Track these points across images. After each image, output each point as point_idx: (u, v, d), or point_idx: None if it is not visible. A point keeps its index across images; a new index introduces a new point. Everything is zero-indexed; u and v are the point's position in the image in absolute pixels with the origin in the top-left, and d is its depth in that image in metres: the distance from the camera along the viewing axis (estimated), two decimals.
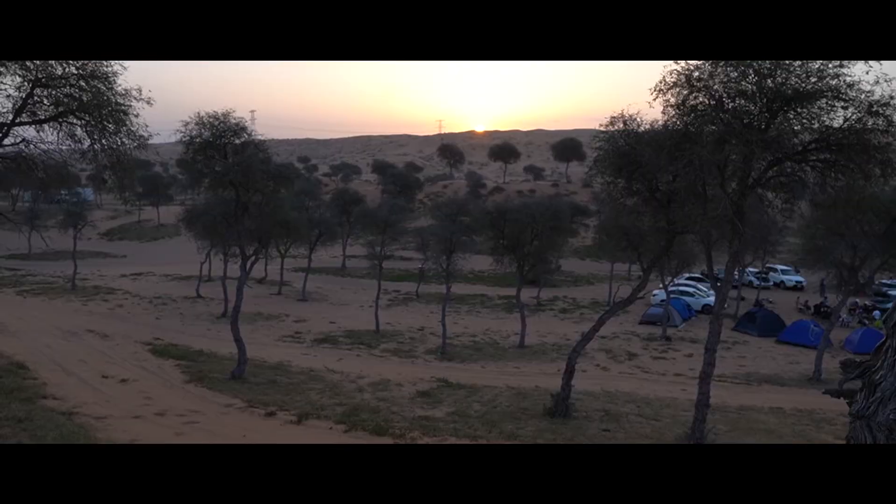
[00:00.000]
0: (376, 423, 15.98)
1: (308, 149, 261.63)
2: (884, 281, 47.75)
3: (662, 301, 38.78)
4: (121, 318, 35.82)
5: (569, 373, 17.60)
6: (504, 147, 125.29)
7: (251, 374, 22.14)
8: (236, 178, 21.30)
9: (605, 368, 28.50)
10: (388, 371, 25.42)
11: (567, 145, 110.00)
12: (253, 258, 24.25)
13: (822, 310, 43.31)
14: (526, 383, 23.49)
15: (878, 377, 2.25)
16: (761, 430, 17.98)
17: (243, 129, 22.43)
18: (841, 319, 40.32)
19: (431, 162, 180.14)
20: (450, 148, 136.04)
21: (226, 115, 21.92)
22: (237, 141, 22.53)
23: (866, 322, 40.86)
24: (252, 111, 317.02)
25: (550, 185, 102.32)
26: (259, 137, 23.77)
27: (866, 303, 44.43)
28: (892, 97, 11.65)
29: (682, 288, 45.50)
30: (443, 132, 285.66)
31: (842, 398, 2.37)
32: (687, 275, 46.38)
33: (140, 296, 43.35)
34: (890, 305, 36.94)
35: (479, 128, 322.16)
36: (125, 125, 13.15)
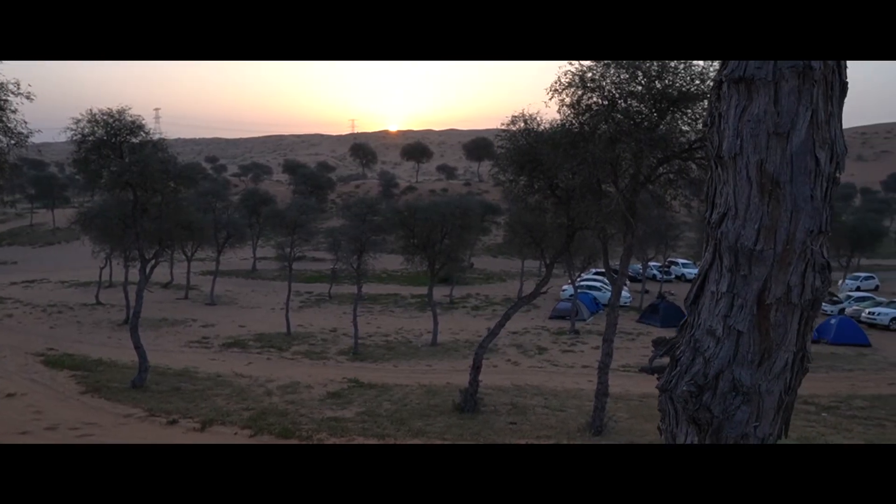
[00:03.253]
0: (283, 426, 15.75)
1: (217, 148, 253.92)
2: None
3: (571, 296, 39.93)
4: (9, 328, 33.63)
5: (476, 368, 17.89)
6: (417, 146, 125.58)
7: (154, 382, 21.31)
8: (133, 179, 20.47)
9: (516, 363, 29.11)
10: (299, 373, 25.05)
11: (479, 144, 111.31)
12: (153, 261, 23.35)
13: None
14: (437, 381, 23.69)
15: (678, 352, 2.44)
16: (658, 415, 18.83)
17: (140, 127, 21.62)
18: None
19: (344, 162, 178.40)
20: (362, 147, 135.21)
21: (121, 112, 21.06)
22: (134, 140, 21.67)
23: None
24: (156, 109, 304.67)
25: (463, 184, 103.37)
26: (159, 136, 22.92)
27: None
28: None
29: (589, 283, 47.00)
30: (356, 132, 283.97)
31: (654, 374, 2.56)
32: (594, 270, 47.95)
33: (32, 304, 40.83)
34: None
35: (393, 127, 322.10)
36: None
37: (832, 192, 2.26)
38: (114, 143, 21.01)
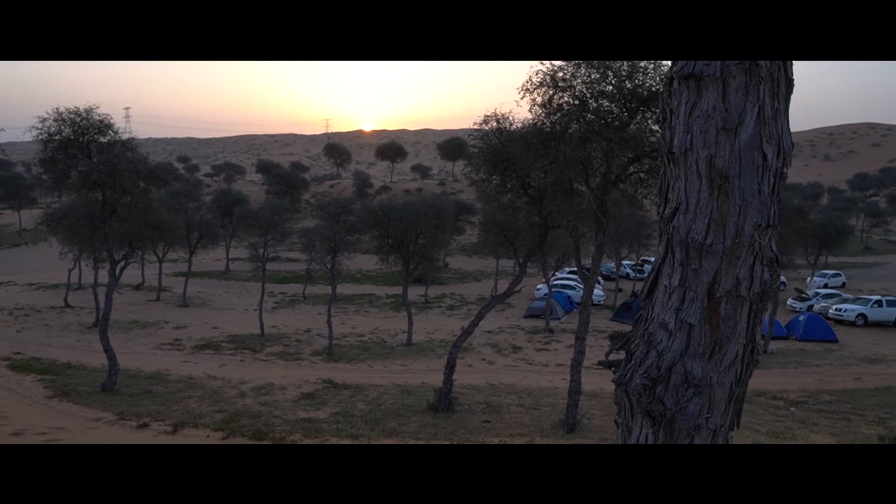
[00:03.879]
0: (256, 428, 15.61)
1: (189, 148, 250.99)
2: None
3: (545, 295, 40.15)
4: None
5: (450, 367, 17.90)
6: (391, 146, 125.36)
7: (124, 386, 20.99)
8: (101, 179, 20.12)
9: (491, 362, 29.19)
10: (273, 375, 24.86)
11: (453, 144, 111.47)
12: (123, 263, 22.99)
13: None
14: (412, 380, 23.67)
15: (633, 346, 2.48)
16: None
17: (109, 126, 21.24)
18: None
19: (318, 161, 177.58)
20: (336, 147, 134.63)
21: (88, 111, 20.69)
22: (102, 139, 21.30)
23: None
24: (126, 108, 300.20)
25: (437, 183, 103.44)
26: (129, 135, 22.57)
27: None
28: None
29: (563, 282, 47.30)
30: (330, 131, 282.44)
31: (611, 368, 2.60)
32: (568, 269, 48.26)
33: None
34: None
35: (367, 127, 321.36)
36: None
37: (779, 186, 2.30)
38: (81, 142, 20.62)
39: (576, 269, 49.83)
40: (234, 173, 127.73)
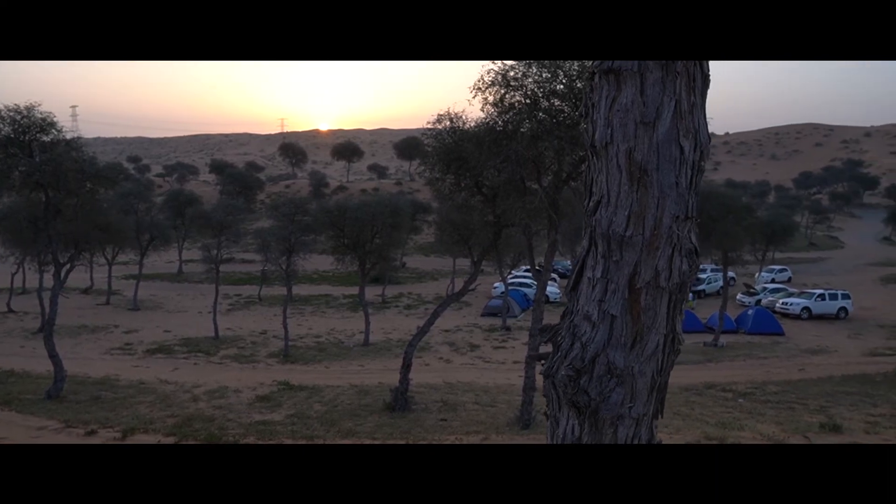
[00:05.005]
0: (209, 431, 15.36)
1: (140, 148, 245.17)
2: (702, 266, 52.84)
3: (502, 293, 40.40)
4: None
5: (406, 367, 17.89)
6: (347, 146, 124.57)
7: (71, 392, 20.40)
8: (44, 179, 19.52)
9: (448, 361, 29.25)
10: (227, 378, 24.47)
11: (410, 143, 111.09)
12: (69, 265, 22.33)
13: None
14: (369, 380, 23.56)
15: (559, 339, 2.52)
16: None
17: (52, 124, 20.60)
18: None
19: (274, 161, 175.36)
20: (292, 147, 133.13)
21: (29, 108, 20.04)
22: (45, 138, 20.65)
23: None
24: (73, 106, 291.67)
25: (394, 183, 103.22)
26: (74, 134, 21.94)
27: None
28: None
29: (520, 280, 47.68)
30: (285, 131, 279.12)
31: (541, 361, 2.64)
32: (525, 267, 48.66)
33: None
34: (700, 288, 40.91)
35: (323, 126, 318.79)
36: None
37: (697, 179, 2.36)
38: (22, 141, 19.97)
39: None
40: (187, 173, 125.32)
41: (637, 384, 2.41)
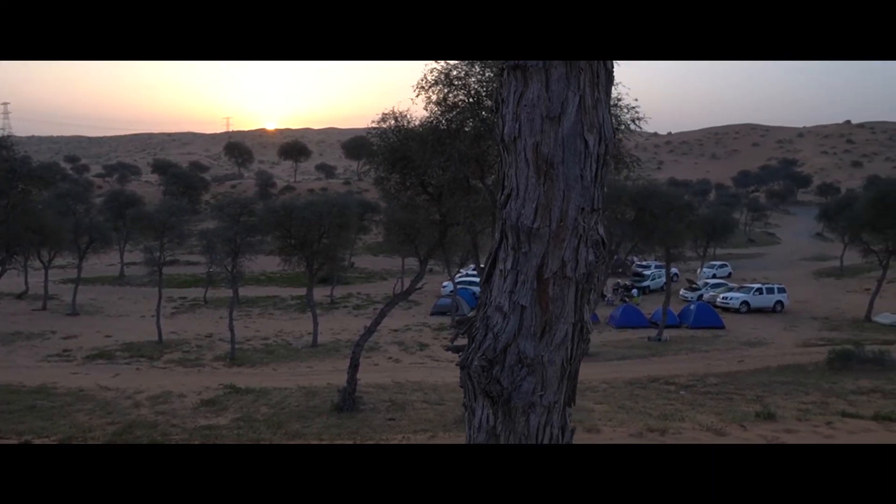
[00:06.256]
0: (152, 438, 14.96)
1: (78, 147, 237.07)
2: (640, 262, 54.17)
3: (451, 292, 40.55)
4: None
5: (353, 367, 17.80)
6: (295, 145, 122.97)
7: (3, 402, 19.61)
8: None
9: (397, 360, 29.22)
10: (171, 383, 23.90)
11: (358, 143, 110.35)
12: (0, 269, 21.49)
13: None
14: (318, 382, 23.36)
15: (474, 330, 2.57)
16: None
17: None
18: (606, 298, 45.08)
19: (219, 161, 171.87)
20: (238, 146, 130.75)
21: None
22: None
23: (626, 299, 45.99)
24: (4, 104, 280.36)
25: (342, 182, 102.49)
26: (3, 132, 21.12)
27: (626, 283, 50.01)
28: (619, 99, 13.22)
29: (469, 278, 47.90)
30: (231, 130, 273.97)
31: (458, 353, 2.68)
32: (473, 266, 48.93)
33: None
34: (645, 284, 41.76)
35: (270, 125, 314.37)
36: None
37: (602, 172, 2.44)
38: None
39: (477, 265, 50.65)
40: (128, 174, 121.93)
41: (547, 373, 2.47)
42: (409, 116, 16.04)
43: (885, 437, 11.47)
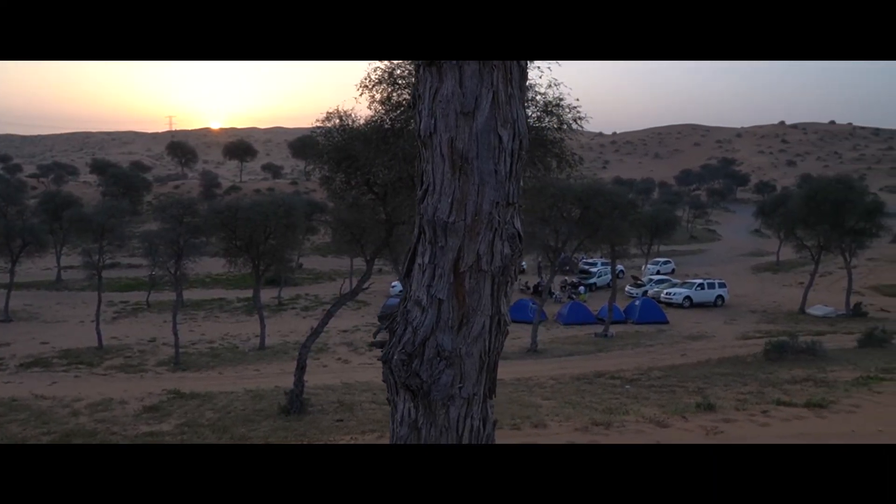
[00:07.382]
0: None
1: (10, 146, 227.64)
2: (586, 260, 55.06)
3: (400, 292, 40.41)
4: None
5: (300, 368, 17.62)
6: (240, 145, 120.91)
7: None
8: None
9: (347, 361, 29.04)
10: (112, 389, 23.20)
11: (305, 142, 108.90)
12: None
13: (539, 289, 48.51)
14: (265, 385, 23.02)
15: (395, 325, 2.60)
16: None
17: None
18: (554, 296, 45.69)
19: (162, 161, 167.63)
20: (181, 146, 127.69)
21: None
22: None
23: (574, 297, 46.70)
24: None
25: (289, 182, 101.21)
26: None
27: (573, 280, 50.77)
28: (561, 99, 13.42)
29: None
30: (174, 129, 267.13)
31: (381, 348, 2.71)
32: None
33: None
34: (591, 281, 42.38)
35: (215, 125, 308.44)
36: None
37: (517, 167, 2.49)
38: None
39: None
40: (65, 174, 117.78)
41: (465, 365, 2.51)
42: (353, 116, 15.97)
43: (816, 424, 11.95)
